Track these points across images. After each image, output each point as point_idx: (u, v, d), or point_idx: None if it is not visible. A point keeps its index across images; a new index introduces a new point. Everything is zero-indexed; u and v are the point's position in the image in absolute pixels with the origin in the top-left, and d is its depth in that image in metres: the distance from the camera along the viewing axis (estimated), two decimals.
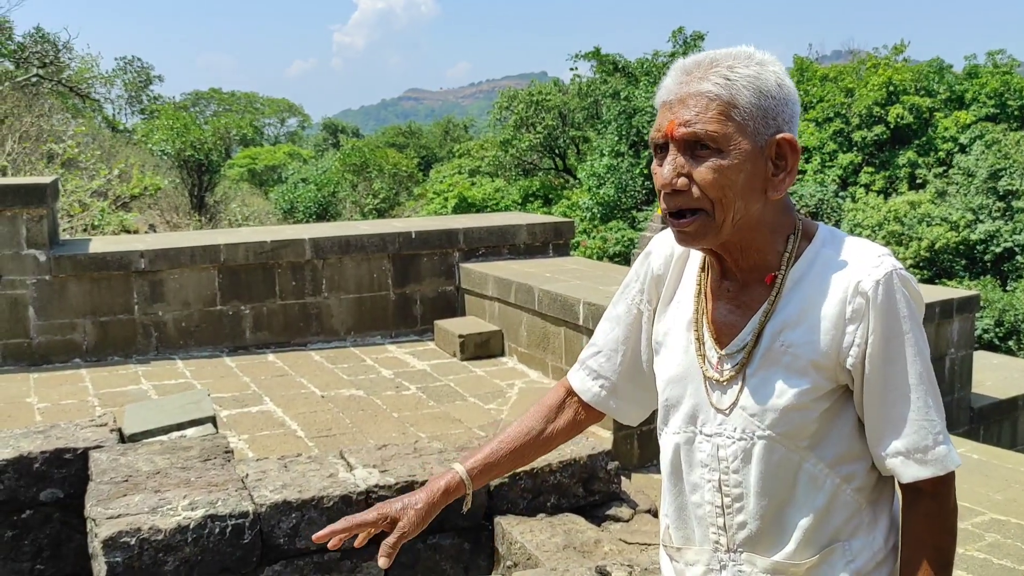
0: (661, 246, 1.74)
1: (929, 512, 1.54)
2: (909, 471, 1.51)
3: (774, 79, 1.49)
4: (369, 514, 1.72)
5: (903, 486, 1.56)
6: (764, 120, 1.48)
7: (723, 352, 1.58)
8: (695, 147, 1.47)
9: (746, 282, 1.58)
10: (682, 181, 1.48)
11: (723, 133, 1.45)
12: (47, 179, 7.01)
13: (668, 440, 1.68)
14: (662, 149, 1.51)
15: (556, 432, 1.84)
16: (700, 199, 1.48)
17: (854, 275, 1.49)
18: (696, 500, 1.64)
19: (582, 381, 1.84)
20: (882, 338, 1.48)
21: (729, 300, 1.60)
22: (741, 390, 1.55)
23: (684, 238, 1.53)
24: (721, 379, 1.57)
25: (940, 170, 27.41)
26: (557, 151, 36.14)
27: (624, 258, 24.64)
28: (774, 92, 1.49)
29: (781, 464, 1.54)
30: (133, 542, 3.09)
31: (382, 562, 1.68)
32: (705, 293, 1.64)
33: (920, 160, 27.91)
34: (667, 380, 1.67)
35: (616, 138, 29.11)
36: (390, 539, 1.69)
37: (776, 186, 1.50)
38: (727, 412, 1.57)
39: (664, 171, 1.49)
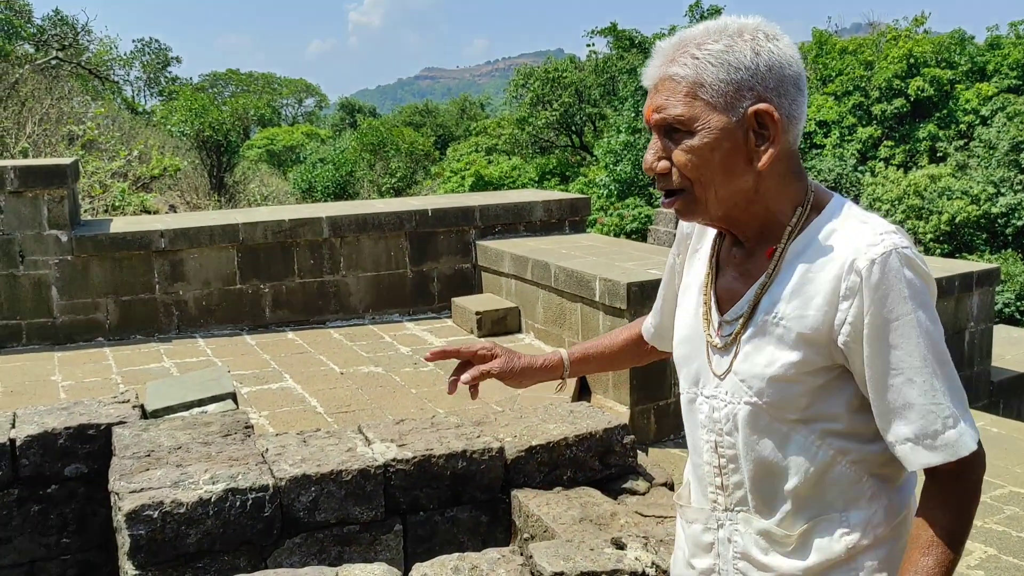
0: None
1: (943, 495, 1.49)
2: (918, 458, 1.46)
3: (748, 49, 1.47)
4: (473, 345, 1.94)
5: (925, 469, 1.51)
6: (737, 94, 1.47)
7: (723, 318, 1.61)
8: (671, 131, 1.50)
9: (752, 251, 1.60)
10: (662, 164, 1.52)
11: (690, 115, 1.47)
12: (68, 160, 7.05)
13: (681, 399, 1.74)
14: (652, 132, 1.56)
15: (644, 352, 2.05)
16: (680, 180, 1.52)
17: (851, 252, 1.46)
18: (696, 460, 1.69)
19: (648, 318, 2.03)
20: (881, 320, 1.44)
21: (735, 267, 1.62)
22: (735, 356, 1.58)
23: (678, 215, 1.59)
24: (720, 344, 1.61)
25: (961, 143, 27.08)
26: (574, 128, 35.98)
27: (641, 235, 24.54)
28: (747, 63, 1.47)
29: (767, 431, 1.55)
30: (156, 515, 3.15)
31: (462, 385, 1.93)
32: (717, 259, 1.67)
33: (941, 133, 27.58)
34: (678, 340, 1.72)
35: (633, 114, 28.94)
36: (473, 369, 1.92)
37: (760, 157, 1.49)
38: (722, 377, 1.60)
39: (647, 156, 1.55)
